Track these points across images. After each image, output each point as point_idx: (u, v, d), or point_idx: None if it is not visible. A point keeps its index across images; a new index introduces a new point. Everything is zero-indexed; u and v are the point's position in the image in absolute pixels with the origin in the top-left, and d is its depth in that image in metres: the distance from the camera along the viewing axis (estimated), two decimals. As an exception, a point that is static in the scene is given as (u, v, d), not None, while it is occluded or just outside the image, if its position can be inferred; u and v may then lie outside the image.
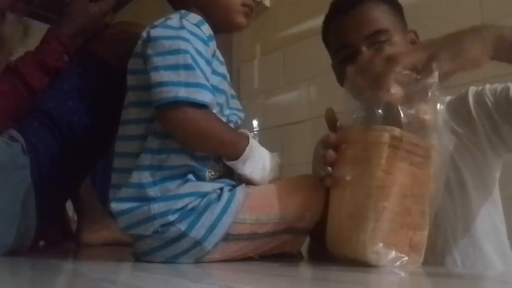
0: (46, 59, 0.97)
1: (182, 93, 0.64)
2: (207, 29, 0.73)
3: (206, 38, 0.72)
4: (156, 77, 0.66)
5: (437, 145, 0.63)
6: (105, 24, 1.04)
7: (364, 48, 0.82)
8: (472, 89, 0.87)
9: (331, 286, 0.50)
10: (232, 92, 0.81)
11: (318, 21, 0.97)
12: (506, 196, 0.93)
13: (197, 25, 0.72)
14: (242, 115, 0.80)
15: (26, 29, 1.18)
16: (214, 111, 0.71)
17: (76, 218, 1.20)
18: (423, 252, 0.64)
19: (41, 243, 1.16)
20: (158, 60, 0.67)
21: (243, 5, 0.80)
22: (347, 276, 0.55)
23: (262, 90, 2.12)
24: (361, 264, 0.60)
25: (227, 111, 0.77)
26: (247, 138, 0.70)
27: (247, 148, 0.69)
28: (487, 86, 0.85)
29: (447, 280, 0.55)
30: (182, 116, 0.65)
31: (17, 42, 1.07)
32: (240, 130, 0.75)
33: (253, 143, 0.71)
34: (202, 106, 0.66)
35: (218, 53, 0.77)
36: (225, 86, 0.76)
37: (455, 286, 0.50)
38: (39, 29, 1.12)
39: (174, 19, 0.71)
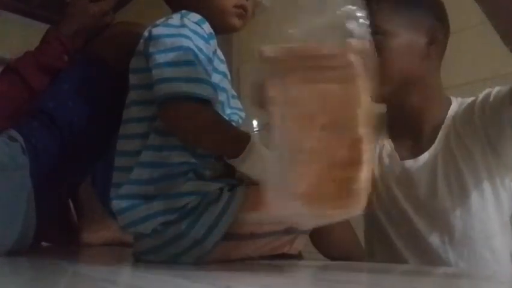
0: (46, 59, 0.97)
1: (184, 88, 0.65)
2: (207, 28, 0.73)
3: (207, 36, 0.72)
4: (158, 73, 0.66)
5: (355, 43, 0.46)
6: (105, 24, 1.04)
7: None
8: (487, 90, 0.83)
9: (331, 286, 0.50)
10: (233, 91, 0.81)
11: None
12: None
13: (198, 23, 0.72)
14: (243, 114, 0.80)
15: None
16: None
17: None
18: (362, 195, 0.46)
19: (44, 244, 1.16)
20: (160, 58, 0.67)
21: (236, 6, 0.79)
22: (347, 276, 0.55)
23: (262, 90, 2.11)
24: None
25: (228, 111, 0.77)
26: (249, 136, 0.70)
27: (248, 146, 0.69)
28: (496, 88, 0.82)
29: (446, 280, 0.55)
30: (184, 111, 0.66)
31: None
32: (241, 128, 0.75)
33: (255, 141, 0.70)
34: (205, 101, 0.66)
35: (219, 52, 0.77)
36: (226, 84, 0.77)
37: (454, 286, 0.50)
38: (39, 29, 1.12)
39: (175, 18, 0.72)
